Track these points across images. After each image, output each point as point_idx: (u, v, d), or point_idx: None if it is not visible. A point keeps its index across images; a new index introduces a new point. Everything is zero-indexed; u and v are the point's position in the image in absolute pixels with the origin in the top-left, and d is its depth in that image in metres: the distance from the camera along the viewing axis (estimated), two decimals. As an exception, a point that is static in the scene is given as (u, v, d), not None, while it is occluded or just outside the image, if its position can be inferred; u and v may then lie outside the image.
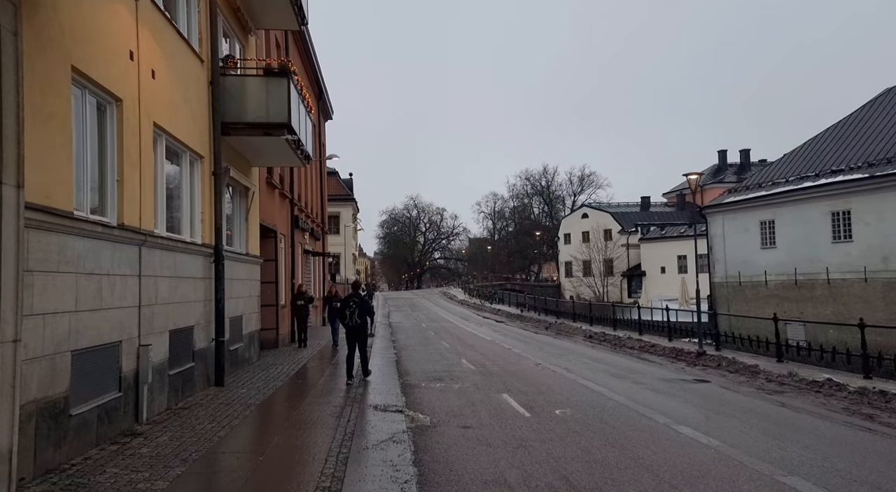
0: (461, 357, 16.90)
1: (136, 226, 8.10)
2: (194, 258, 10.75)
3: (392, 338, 23.21)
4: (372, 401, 9.97)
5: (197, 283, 10.87)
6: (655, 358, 16.36)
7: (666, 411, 9.25)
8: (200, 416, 8.84)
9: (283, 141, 12.28)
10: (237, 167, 13.31)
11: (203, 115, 11.20)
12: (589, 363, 15.24)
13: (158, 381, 8.96)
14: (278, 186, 19.00)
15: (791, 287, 33.37)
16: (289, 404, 9.99)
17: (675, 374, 13.44)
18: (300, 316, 18.65)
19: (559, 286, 72.31)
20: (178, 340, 9.86)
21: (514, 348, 19.03)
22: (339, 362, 15.20)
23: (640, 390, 11.25)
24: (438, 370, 14.28)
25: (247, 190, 14.62)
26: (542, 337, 24.10)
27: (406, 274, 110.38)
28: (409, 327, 29.37)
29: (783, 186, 33.41)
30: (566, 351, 18.44)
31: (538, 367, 14.69)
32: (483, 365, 15.06)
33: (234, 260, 13.51)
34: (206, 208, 11.40)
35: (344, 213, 56.22)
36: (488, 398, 10.47)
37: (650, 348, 17.64)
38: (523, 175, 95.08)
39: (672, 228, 63.71)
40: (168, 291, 9.36)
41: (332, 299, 18.54)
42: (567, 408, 9.47)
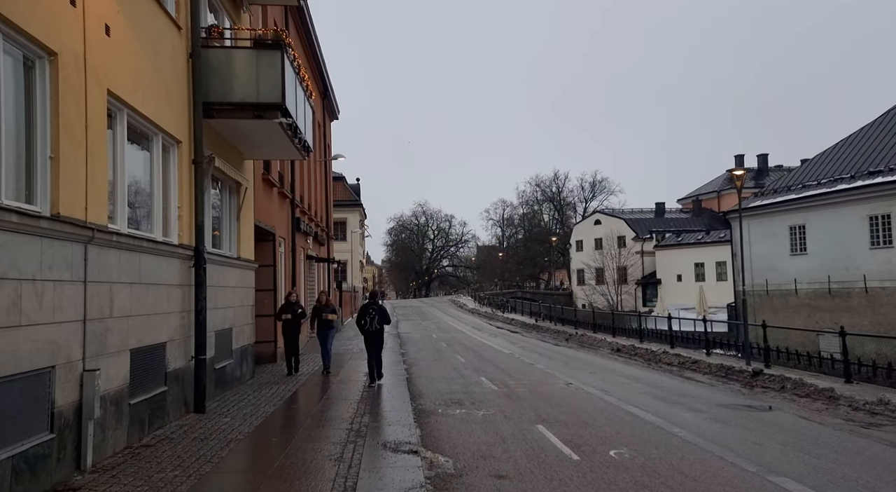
0: (480, 374, 15.06)
1: (80, 218, 6.35)
2: (168, 261, 8.99)
3: (402, 350, 21.39)
4: (380, 435, 8.15)
5: (172, 290, 9.11)
6: (701, 377, 14.47)
7: (750, 455, 7.38)
8: (165, 458, 7.06)
9: (277, 126, 10.53)
10: (226, 159, 11.58)
11: (180, 92, 9.47)
12: (627, 384, 13.37)
13: (114, 413, 7.19)
14: (277, 184, 17.26)
15: (824, 296, 31.40)
16: (279, 439, 8.18)
17: (734, 398, 11.55)
18: (288, 334, 14.36)
19: (571, 294, 70.32)
20: (143, 361, 8.10)
21: (537, 364, 17.16)
22: (342, 381, 13.40)
23: (703, 421, 9.37)
24: (456, 391, 12.45)
25: (238, 185, 12.89)
26: (565, 350, 22.22)
27: (414, 282, 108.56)
28: (420, 338, 27.55)
29: (815, 188, 31.51)
30: (596, 367, 16.57)
31: (570, 387, 12.83)
32: (506, 384, 13.22)
33: (222, 264, 11.77)
34: (184, 203, 9.66)
35: (351, 219, 54.51)
36: (521, 431, 8.63)
37: (691, 365, 15.74)
38: (533, 181, 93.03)
39: (688, 235, 61.66)
40: (129, 301, 7.60)
41: (322, 311, 14.41)
42: (623, 447, 7.63)
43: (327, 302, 14.85)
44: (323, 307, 14.53)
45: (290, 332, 14.36)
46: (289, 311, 14.42)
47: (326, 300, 14.93)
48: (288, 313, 14.37)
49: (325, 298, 15.05)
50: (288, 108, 10.38)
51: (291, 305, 14.53)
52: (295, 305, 14.60)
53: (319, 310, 14.51)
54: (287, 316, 14.33)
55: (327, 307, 14.57)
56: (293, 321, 14.31)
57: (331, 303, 15.08)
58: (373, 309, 13.33)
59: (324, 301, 14.84)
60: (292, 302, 14.60)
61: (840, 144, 32.96)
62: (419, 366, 17.07)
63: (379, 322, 13.20)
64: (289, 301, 14.67)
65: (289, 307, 14.51)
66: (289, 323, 14.33)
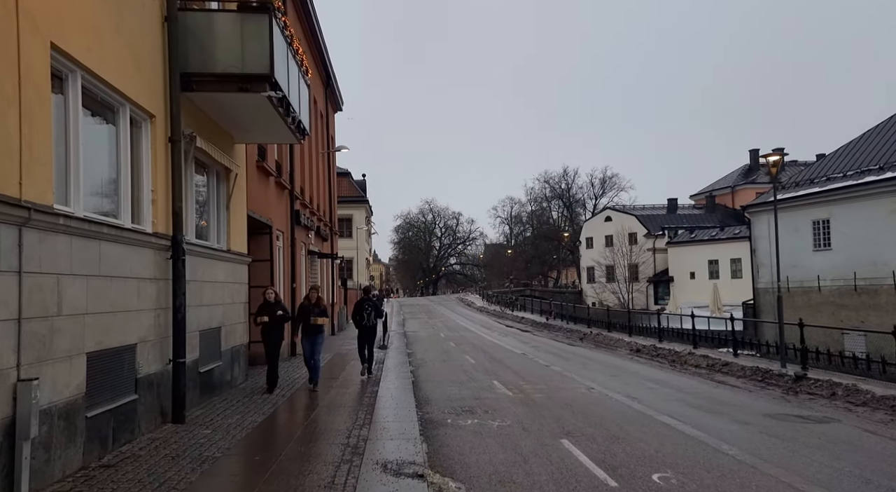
0: (492, 377, 13.88)
1: (12, 195, 5.22)
2: (139, 252, 7.86)
3: (408, 350, 20.23)
4: (380, 452, 6.98)
5: (144, 285, 7.98)
6: (734, 381, 13.23)
7: (826, 482, 6.15)
8: (123, 482, 5.92)
9: (266, 101, 9.38)
10: (213, 141, 10.44)
11: (153, 59, 8.33)
12: (655, 389, 12.16)
13: (64, 429, 6.06)
14: (273, 173, 16.13)
15: (849, 293, 30.06)
16: (263, 457, 7.03)
17: (780, 406, 10.30)
18: (267, 340, 11.75)
19: (581, 293, 69.00)
20: (105, 366, 6.97)
21: (552, 366, 15.96)
22: (342, 385, 12.26)
23: (753, 435, 8.14)
24: (466, 397, 11.29)
25: (227, 171, 11.76)
26: (580, 350, 21.01)
27: (421, 280, 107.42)
28: (426, 337, 26.40)
29: (840, 181, 30.14)
30: (617, 369, 15.36)
31: (592, 393, 11.64)
32: (522, 389, 12.04)
33: (210, 257, 10.65)
34: (159, 186, 8.52)
35: (357, 215, 53.45)
36: (543, 448, 7.45)
37: (721, 367, 14.51)
38: (542, 178, 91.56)
39: (702, 232, 60.18)
40: (86, 297, 6.47)
41: (310, 311, 11.87)
42: (667, 470, 6.44)
43: (317, 301, 12.05)
44: (311, 307, 11.87)
45: (269, 338, 11.67)
46: (267, 312, 11.53)
47: (317, 299, 12.08)
48: (265, 315, 11.49)
49: (316, 296, 12.09)
50: (278, 80, 9.22)
51: (271, 306, 11.57)
52: (275, 305, 11.65)
53: (307, 311, 11.88)
54: (264, 318, 11.47)
55: (317, 308, 11.89)
56: (273, 325, 11.61)
57: (321, 303, 12.27)
58: (368, 304, 13.95)
59: (313, 300, 11.98)
60: (271, 301, 11.59)
61: (867, 134, 31.58)
62: (426, 368, 15.91)
63: (374, 317, 14.04)
64: (267, 300, 11.61)
65: (267, 308, 11.57)
66: (267, 327, 11.60)
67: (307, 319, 11.80)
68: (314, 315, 11.77)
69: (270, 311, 11.50)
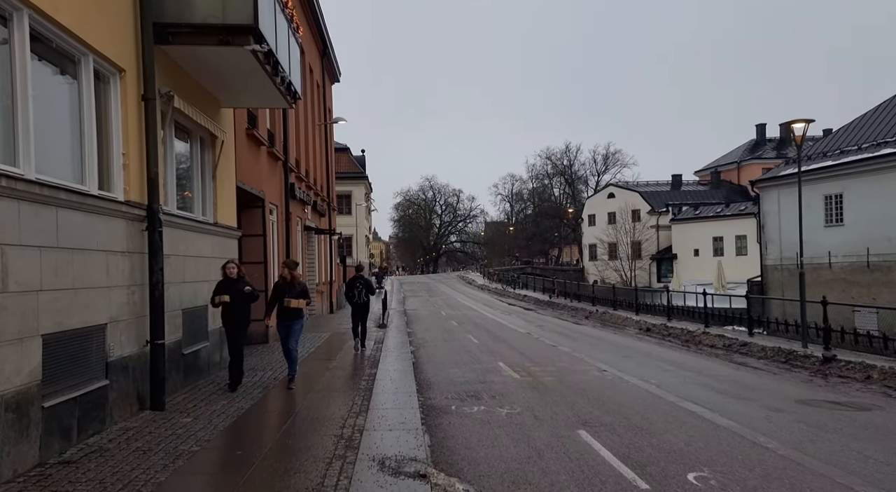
0: (497, 358, 13.14)
1: (-65, 148, 4.37)
2: (108, 222, 7.04)
3: (408, 329, 19.51)
4: (377, 446, 6.22)
5: (115, 259, 7.17)
6: (755, 362, 12.47)
7: (887, 483, 5.39)
8: (81, 483, 5.17)
9: (250, 56, 8.46)
10: (196, 103, 9.56)
11: (121, 6, 7.42)
12: (672, 371, 11.40)
13: (13, 422, 5.28)
14: (265, 143, 15.23)
15: (861, 270, 29.31)
16: (246, 452, 6.28)
17: (811, 391, 9.51)
18: (228, 325, 9.43)
19: (582, 270, 68.31)
20: (67, 350, 6.19)
21: (560, 346, 15.22)
22: (339, 367, 11.52)
23: (791, 424, 7.32)
24: (471, 380, 10.54)
25: (213, 138, 10.88)
26: (587, 329, 20.28)
27: (422, 258, 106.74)
28: (427, 316, 25.68)
29: (854, 154, 29.20)
30: (628, 350, 14.61)
31: (605, 375, 10.89)
32: (529, 372, 11.29)
33: (193, 230, 9.83)
34: (132, 149, 7.66)
35: (356, 192, 52.49)
36: (559, 440, 6.68)
37: (739, 347, 13.74)
38: (544, 154, 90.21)
39: (707, 208, 59.23)
40: (39, 271, 5.65)
41: (284, 291, 9.71)
42: (703, 468, 5.68)
43: (294, 279, 9.78)
44: (287, 286, 9.68)
45: (231, 323, 9.29)
46: (227, 290, 9.12)
47: (291, 277, 9.76)
48: (225, 294, 9.09)
49: (290, 274, 9.79)
50: (263, 33, 8.30)
51: (232, 283, 9.18)
52: (238, 281, 9.22)
53: (281, 291, 9.70)
54: (224, 298, 9.07)
55: (294, 287, 9.70)
56: (235, 306, 9.13)
57: (300, 281, 9.99)
58: (360, 282, 14.21)
59: (288, 278, 9.74)
60: (233, 277, 9.22)
61: (883, 105, 30.56)
62: (427, 348, 15.17)
63: (366, 294, 14.19)
64: (227, 276, 9.24)
65: (228, 286, 9.16)
66: (228, 309, 9.17)
67: (282, 300, 9.61)
68: (289, 296, 9.54)
69: (231, 289, 9.13)
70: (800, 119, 13.29)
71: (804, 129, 13.40)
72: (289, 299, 9.57)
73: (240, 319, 9.38)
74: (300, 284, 9.93)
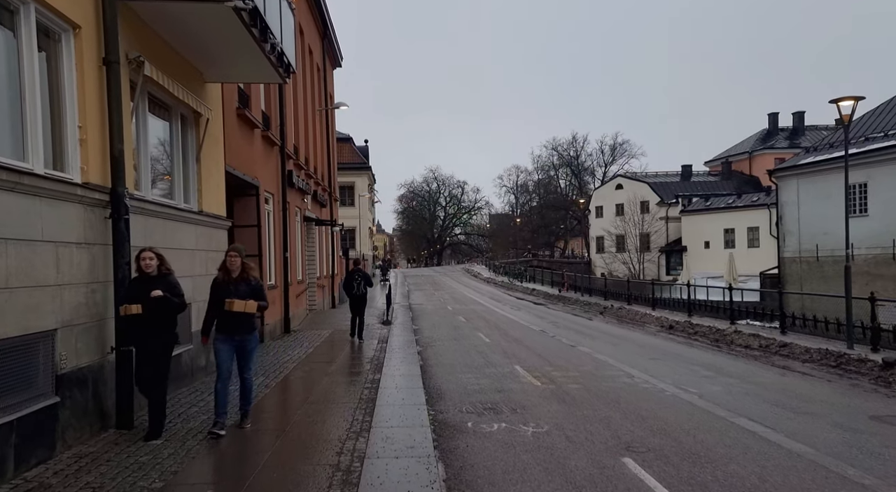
0: (512, 360, 11.97)
1: None
2: (58, 208, 5.87)
3: (414, 326, 18.35)
4: (380, 481, 5.06)
5: (68, 252, 6.01)
6: (800, 366, 11.25)
7: None
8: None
9: (231, 14, 7.23)
10: (175, 75, 8.37)
11: (75, -52, 6.22)
12: (711, 377, 10.20)
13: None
14: (259, 125, 14.02)
15: (886, 262, 28.11)
16: (220, 487, 5.12)
17: (881, 404, 8.06)
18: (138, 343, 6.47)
19: (589, 263, 67.08)
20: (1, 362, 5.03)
21: (579, 346, 14.03)
22: (338, 372, 10.37)
23: (880, 450, 5.90)
24: (486, 388, 9.37)
25: (196, 116, 9.69)
26: (603, 325, 19.08)
27: (426, 250, 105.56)
28: (433, 311, 24.53)
29: (880, 141, 27.91)
30: (654, 351, 13.42)
31: (637, 383, 9.69)
32: (550, 377, 10.11)
33: (172, 219, 8.66)
34: (90, 122, 6.48)
35: (359, 183, 51.29)
36: (602, 472, 5.50)
37: (779, 349, 12.52)
38: (550, 145, 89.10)
39: (718, 199, 57.84)
40: (-45, 268, 4.48)
41: (224, 290, 6.61)
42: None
43: (244, 272, 6.68)
44: (230, 283, 6.60)
45: (145, 341, 6.37)
46: (139, 295, 6.21)
47: (242, 270, 6.66)
48: (137, 302, 6.18)
49: (239, 264, 6.66)
50: (246, -14, 7.10)
51: (144, 284, 6.27)
52: (156, 280, 6.31)
53: (221, 290, 6.61)
54: (132, 309, 6.17)
55: (241, 284, 6.59)
56: (147, 319, 6.21)
57: (253, 275, 6.77)
58: (358, 275, 14.72)
59: (234, 270, 6.64)
60: (150, 275, 6.34)
61: (912, 90, 29.15)
62: (435, 348, 14.01)
63: (364, 287, 14.60)
64: (143, 272, 6.35)
65: (139, 286, 6.29)
66: (139, 323, 6.25)
67: (220, 306, 6.50)
68: (231, 297, 6.44)
69: (144, 291, 6.12)
70: (848, 96, 12.03)
71: (853, 106, 12.13)
72: (231, 300, 6.39)
73: (159, 338, 6.33)
74: (251, 280, 6.66)
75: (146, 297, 6.19)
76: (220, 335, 6.71)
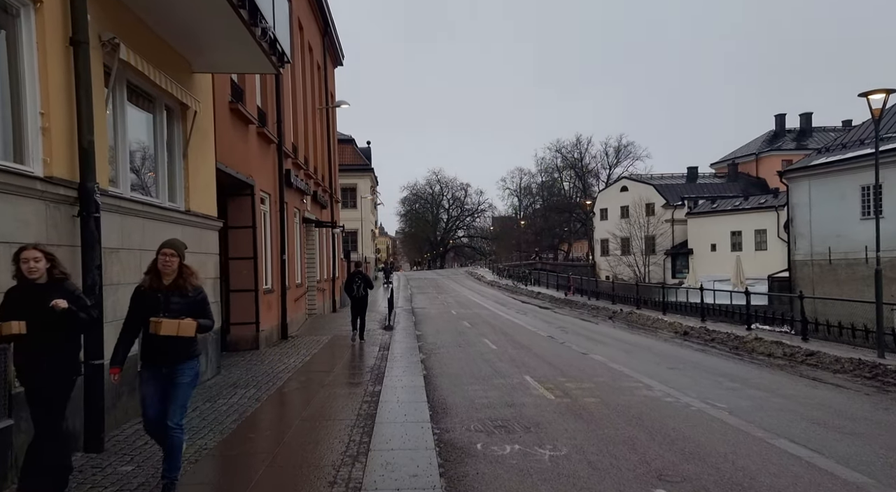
0: (521, 370, 11.25)
1: None
2: (14, 204, 5.20)
3: (417, 331, 17.64)
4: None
5: (25, 254, 5.28)
6: (833, 377, 10.48)
7: None
8: None
9: (217, -10, 6.57)
10: (158, 63, 7.69)
11: (36, -88, 5.54)
12: (738, 390, 9.44)
13: None
14: (254, 121, 13.33)
15: (903, 265, 27.44)
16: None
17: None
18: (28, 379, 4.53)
19: (594, 266, 66.34)
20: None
21: (591, 354, 13.29)
22: (334, 383, 9.65)
23: None
24: (495, 402, 8.64)
25: (183, 107, 9.01)
26: (614, 331, 18.34)
27: (428, 253, 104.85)
28: (437, 315, 23.81)
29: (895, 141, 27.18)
30: (671, 359, 12.68)
31: (658, 395, 8.95)
32: (564, 390, 9.38)
33: (153, 218, 7.97)
34: (54, 108, 5.79)
35: (361, 184, 50.61)
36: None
37: (806, 358, 11.76)
38: (554, 147, 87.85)
39: (724, 201, 57.06)
40: None
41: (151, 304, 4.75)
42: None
43: (179, 279, 4.84)
44: (161, 294, 4.78)
45: (34, 375, 4.50)
46: (23, 309, 4.35)
47: (178, 276, 4.84)
48: (19, 318, 4.30)
49: (175, 268, 4.82)
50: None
51: (30, 293, 4.41)
52: (47, 288, 4.44)
53: (148, 303, 4.79)
54: (13, 328, 4.27)
55: (174, 296, 4.79)
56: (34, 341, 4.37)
57: (191, 284, 4.91)
58: (358, 278, 15.12)
59: (169, 278, 4.81)
60: (37, 281, 4.46)
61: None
62: (439, 356, 13.29)
63: (364, 289, 14.93)
64: (24, 278, 4.46)
65: (24, 298, 4.42)
66: (25, 347, 4.45)
67: (142, 323, 4.80)
68: (159, 314, 4.69)
69: (32, 306, 4.34)
70: (879, 89, 11.29)
71: (884, 100, 11.40)
72: (158, 320, 4.61)
73: (45, 377, 4.45)
74: (189, 289, 4.84)
75: (34, 311, 4.28)
76: (144, 365, 4.92)
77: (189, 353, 4.94)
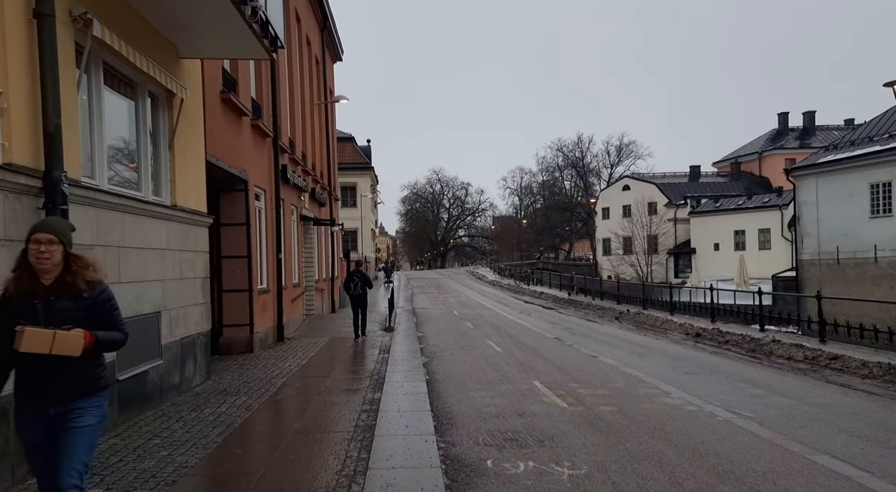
0: (530, 375, 10.64)
1: None
2: (-37, 193, 4.56)
3: (418, 333, 17.04)
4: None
5: (-22, 251, 4.68)
6: (861, 383, 9.84)
7: None
8: None
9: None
10: (141, 46, 7.10)
11: None
12: (764, 397, 8.82)
13: None
14: (248, 113, 12.71)
15: (914, 265, 26.90)
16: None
17: None
18: None
19: (595, 265, 65.72)
20: None
21: (601, 357, 12.67)
22: (330, 391, 9.04)
23: None
24: (504, 410, 8.03)
25: (169, 95, 8.41)
26: (623, 333, 17.72)
27: (429, 252, 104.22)
28: (439, 316, 23.19)
29: (903, 139, 26.62)
30: (687, 363, 12.06)
31: (678, 403, 8.34)
32: (578, 397, 8.77)
33: (134, 213, 7.35)
34: (15, 88, 5.17)
35: (361, 183, 50.01)
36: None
37: (830, 362, 11.14)
38: (555, 146, 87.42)
39: (727, 200, 56.42)
40: None
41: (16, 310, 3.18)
42: None
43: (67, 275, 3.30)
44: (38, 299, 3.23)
45: None
46: None
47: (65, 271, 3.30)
48: None
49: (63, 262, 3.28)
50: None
51: None
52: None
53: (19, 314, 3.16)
54: None
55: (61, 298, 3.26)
56: None
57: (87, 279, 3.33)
58: (357, 276, 15.37)
59: (49, 275, 3.26)
60: None
61: (941, 83, 27.73)
62: (442, 359, 12.67)
63: (362, 287, 15.17)
64: None
65: None
66: None
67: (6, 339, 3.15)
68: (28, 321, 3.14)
69: None
70: (908, 78, 10.66)
71: (914, 90, 10.77)
72: (22, 329, 3.10)
73: None
74: (85, 289, 3.34)
75: None
76: (22, 406, 3.34)
77: (89, 384, 3.36)
